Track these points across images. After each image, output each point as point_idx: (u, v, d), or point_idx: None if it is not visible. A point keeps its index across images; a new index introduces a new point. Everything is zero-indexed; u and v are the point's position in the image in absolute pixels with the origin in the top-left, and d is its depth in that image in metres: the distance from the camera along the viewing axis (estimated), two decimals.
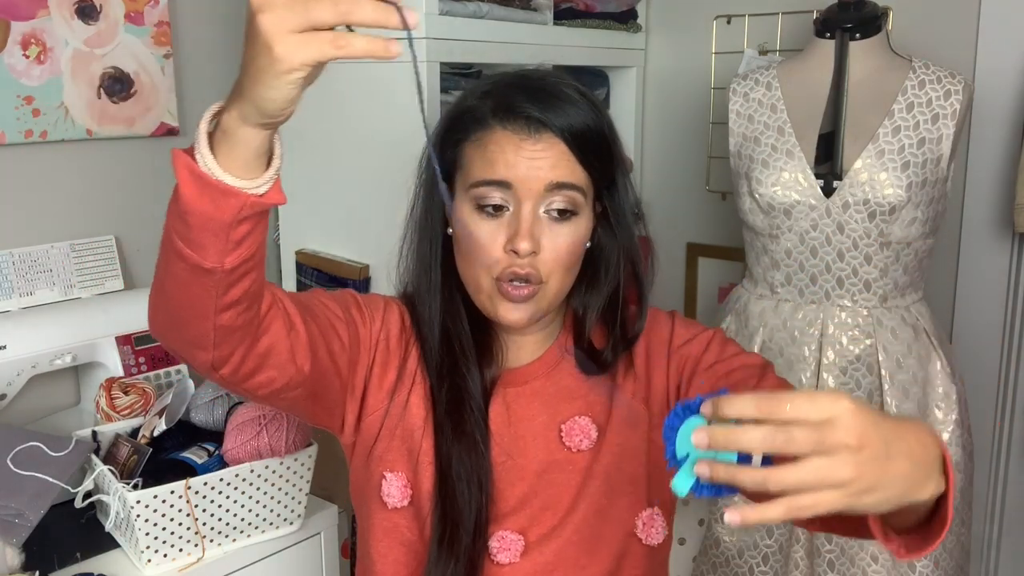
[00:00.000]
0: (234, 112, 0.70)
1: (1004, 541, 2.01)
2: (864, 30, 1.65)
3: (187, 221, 0.73)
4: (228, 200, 0.72)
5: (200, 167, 0.72)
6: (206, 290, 0.77)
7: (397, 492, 1.00)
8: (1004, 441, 1.96)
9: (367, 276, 1.79)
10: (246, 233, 0.75)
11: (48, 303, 1.66)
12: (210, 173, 0.71)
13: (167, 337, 0.85)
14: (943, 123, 1.58)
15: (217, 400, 1.48)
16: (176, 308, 0.80)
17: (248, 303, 0.81)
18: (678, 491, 0.68)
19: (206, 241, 0.74)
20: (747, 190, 1.68)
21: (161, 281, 0.81)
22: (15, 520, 1.28)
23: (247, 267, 0.77)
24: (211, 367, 0.84)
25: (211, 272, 0.75)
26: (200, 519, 1.31)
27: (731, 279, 2.20)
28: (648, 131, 2.37)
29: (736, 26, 2.14)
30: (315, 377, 0.92)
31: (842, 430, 0.61)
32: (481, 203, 0.94)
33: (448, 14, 1.68)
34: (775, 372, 1.00)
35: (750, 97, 1.73)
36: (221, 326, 0.80)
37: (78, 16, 1.68)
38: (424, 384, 1.02)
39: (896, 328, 1.63)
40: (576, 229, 0.96)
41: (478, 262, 0.95)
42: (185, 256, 0.75)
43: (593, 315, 1.04)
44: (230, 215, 0.73)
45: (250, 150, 0.71)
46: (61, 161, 1.71)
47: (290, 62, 0.64)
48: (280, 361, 0.87)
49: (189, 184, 0.72)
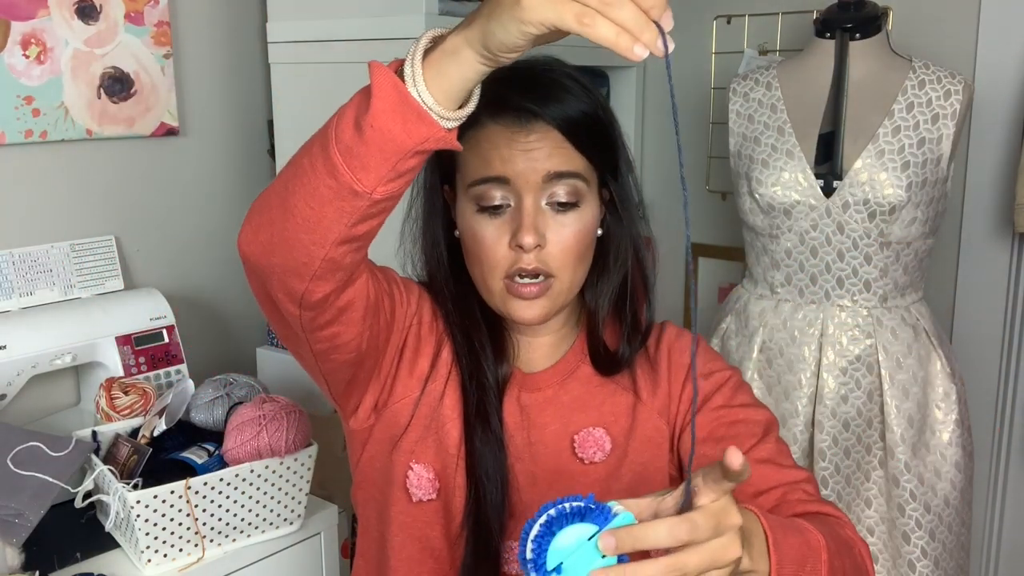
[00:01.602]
0: (462, 35, 0.68)
1: (1004, 541, 2.01)
2: (864, 30, 1.65)
3: (365, 136, 0.69)
4: (419, 126, 0.69)
5: (407, 85, 0.68)
6: (342, 215, 0.73)
7: (426, 485, 0.97)
8: (1004, 441, 1.96)
9: None
10: (412, 167, 0.72)
11: (48, 303, 1.66)
12: (416, 94, 0.68)
13: (265, 257, 0.79)
14: (943, 123, 1.58)
15: (217, 400, 1.48)
16: (295, 227, 0.75)
17: (365, 243, 0.78)
18: None
19: (372, 162, 0.70)
20: (747, 190, 1.68)
21: (287, 195, 0.76)
22: (15, 520, 1.28)
23: (390, 204, 0.75)
24: (299, 300, 0.80)
25: (359, 196, 0.71)
26: (200, 519, 1.31)
27: (731, 279, 2.20)
28: (648, 131, 2.37)
29: (736, 26, 2.14)
30: (367, 346, 0.90)
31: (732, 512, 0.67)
32: (482, 204, 0.93)
33: (448, 14, 1.68)
34: (778, 432, 0.99)
35: (750, 97, 1.73)
36: (332, 258, 0.76)
37: (78, 16, 1.68)
38: (458, 377, 0.99)
39: (896, 328, 1.63)
40: (581, 218, 0.93)
41: (485, 264, 0.93)
42: (339, 173, 0.71)
43: (605, 305, 1.01)
44: (413, 142, 0.69)
45: (460, 79, 0.69)
46: (61, 161, 1.71)
47: (531, 15, 0.63)
48: (355, 318, 0.84)
49: (387, 98, 0.68)
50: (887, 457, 1.63)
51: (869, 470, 1.65)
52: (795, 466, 0.95)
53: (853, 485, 1.65)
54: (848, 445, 1.64)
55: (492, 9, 0.66)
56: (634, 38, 0.63)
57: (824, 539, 0.79)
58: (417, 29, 1.63)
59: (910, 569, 1.61)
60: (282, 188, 0.77)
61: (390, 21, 1.67)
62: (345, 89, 0.78)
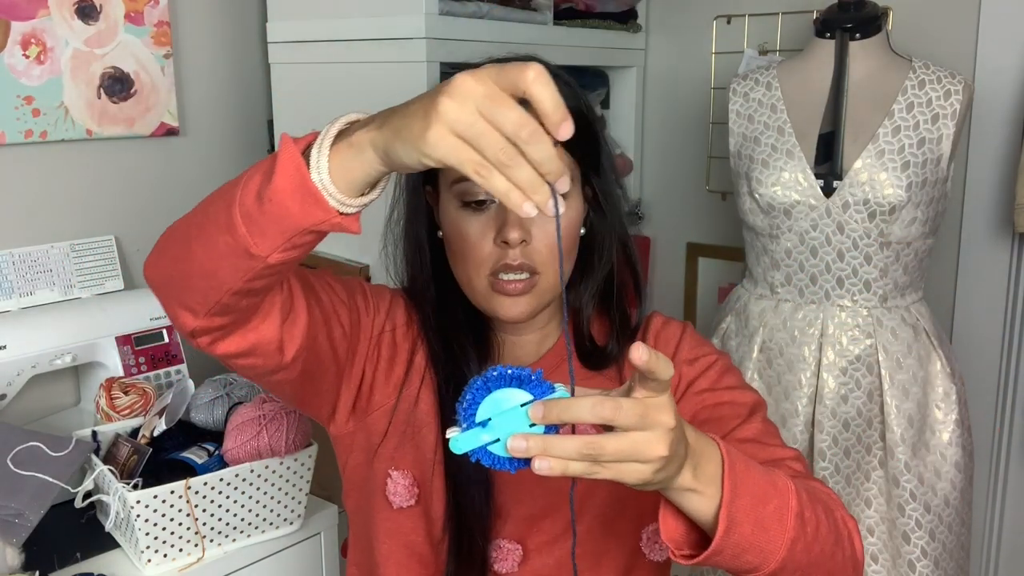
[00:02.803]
0: (370, 136, 0.69)
1: (1004, 541, 2.01)
2: (864, 30, 1.65)
3: (264, 208, 0.71)
4: (316, 209, 0.70)
5: (310, 170, 0.70)
6: (236, 271, 0.75)
7: (404, 491, 0.98)
8: (1004, 441, 1.96)
9: (367, 276, 1.79)
10: (309, 242, 0.73)
11: (48, 303, 1.66)
12: (318, 179, 0.69)
13: (162, 289, 0.82)
14: (943, 123, 1.58)
15: (217, 400, 1.48)
16: (190, 270, 0.78)
17: (263, 295, 0.80)
18: (456, 448, 0.69)
19: (270, 232, 0.72)
20: (747, 190, 1.68)
21: (189, 239, 0.78)
22: (15, 520, 1.28)
23: (286, 268, 0.76)
24: (191, 334, 0.81)
25: (253, 258, 0.73)
26: (200, 519, 1.31)
27: (731, 279, 2.20)
28: (648, 131, 2.37)
29: (736, 26, 2.14)
30: (307, 363, 0.90)
31: (665, 411, 0.67)
32: (465, 199, 0.92)
33: (448, 14, 1.68)
34: (765, 413, 0.98)
35: (750, 97, 1.73)
36: (225, 303, 0.78)
37: (78, 16, 1.68)
38: (433, 380, 0.99)
39: (896, 328, 1.63)
40: (565, 214, 0.93)
41: (470, 261, 0.93)
42: (238, 234, 0.72)
43: (589, 302, 1.01)
44: (309, 223, 0.71)
45: (363, 174, 0.70)
46: (61, 161, 1.71)
47: (432, 151, 0.64)
48: (267, 351, 0.85)
49: (289, 178, 0.70)
50: (887, 457, 1.63)
51: (869, 470, 1.65)
52: (783, 445, 0.94)
53: (853, 485, 1.65)
54: (848, 445, 1.64)
55: (400, 127, 0.66)
56: (526, 196, 0.64)
57: (796, 487, 0.77)
58: (417, 29, 1.63)
59: (910, 569, 1.61)
60: (186, 230, 0.79)
61: (390, 21, 1.67)
62: (345, 89, 0.78)
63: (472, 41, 1.72)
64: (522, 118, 0.63)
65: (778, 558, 0.74)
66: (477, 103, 0.63)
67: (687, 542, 0.76)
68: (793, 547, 0.75)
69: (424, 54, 1.61)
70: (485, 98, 0.63)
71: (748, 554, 0.73)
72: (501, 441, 0.68)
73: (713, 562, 0.74)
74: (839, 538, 0.81)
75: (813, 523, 0.77)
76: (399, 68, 1.66)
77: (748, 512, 0.72)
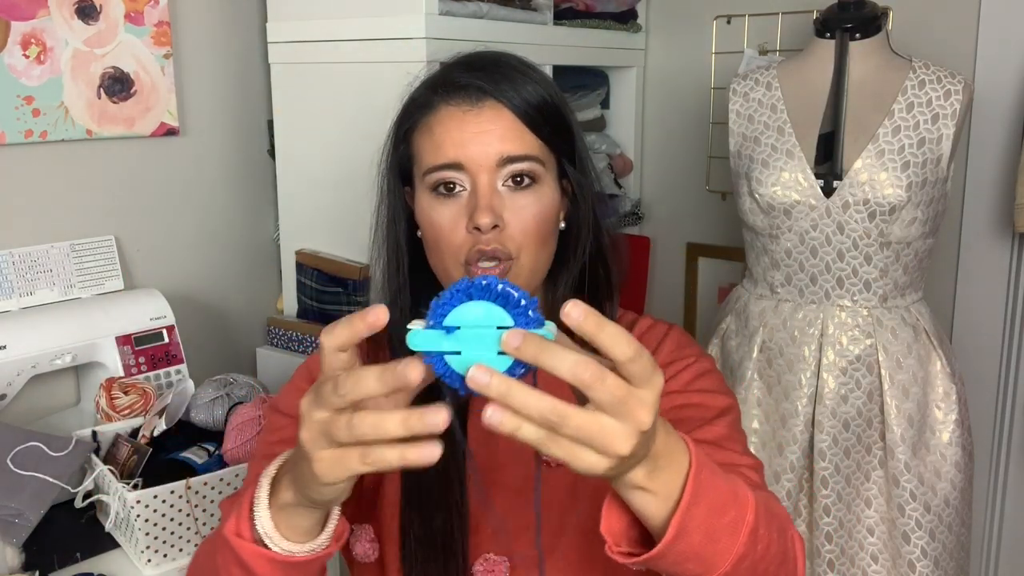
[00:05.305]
0: (291, 492, 0.70)
1: (1004, 541, 2.01)
2: (864, 30, 1.65)
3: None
4: (295, 572, 0.74)
5: (275, 551, 0.72)
6: None
7: (366, 546, 0.98)
8: (1004, 441, 1.96)
9: (367, 276, 1.79)
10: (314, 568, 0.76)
11: (48, 303, 1.66)
12: (282, 549, 0.72)
13: None
14: (943, 123, 1.58)
15: (217, 400, 1.48)
16: None
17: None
18: (413, 344, 0.61)
19: None
20: (747, 190, 1.68)
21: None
22: (15, 520, 1.28)
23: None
24: None
25: None
26: (200, 519, 1.31)
27: (731, 279, 2.20)
28: (648, 131, 2.37)
29: (736, 26, 2.14)
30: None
31: (647, 410, 0.59)
32: (435, 187, 0.91)
33: (448, 14, 1.68)
34: (736, 419, 0.93)
35: (750, 97, 1.73)
36: None
37: (78, 16, 1.68)
38: None
39: (896, 328, 1.63)
40: (540, 198, 0.91)
41: (445, 249, 0.91)
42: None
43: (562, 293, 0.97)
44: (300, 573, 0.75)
45: (310, 521, 0.72)
46: (61, 161, 1.71)
47: (330, 478, 0.64)
48: None
49: (266, 567, 0.73)
50: (887, 457, 1.63)
51: (869, 470, 1.65)
52: (744, 453, 0.90)
53: (853, 485, 1.65)
54: (848, 445, 1.64)
55: (297, 477, 0.68)
56: (419, 451, 0.60)
57: (755, 500, 0.70)
58: (417, 29, 1.63)
59: (910, 569, 1.61)
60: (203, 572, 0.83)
61: (390, 21, 1.67)
62: (345, 89, 0.78)
63: (472, 41, 1.69)
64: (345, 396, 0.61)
65: (721, 572, 0.68)
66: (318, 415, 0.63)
67: (627, 538, 0.71)
68: (739, 563, 0.69)
69: (424, 54, 1.61)
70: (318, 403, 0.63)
71: (691, 563, 0.68)
72: (463, 357, 0.60)
73: (652, 564, 0.68)
74: (785, 559, 0.76)
75: (765, 541, 0.72)
76: (399, 68, 1.65)
77: (702, 521, 0.66)
